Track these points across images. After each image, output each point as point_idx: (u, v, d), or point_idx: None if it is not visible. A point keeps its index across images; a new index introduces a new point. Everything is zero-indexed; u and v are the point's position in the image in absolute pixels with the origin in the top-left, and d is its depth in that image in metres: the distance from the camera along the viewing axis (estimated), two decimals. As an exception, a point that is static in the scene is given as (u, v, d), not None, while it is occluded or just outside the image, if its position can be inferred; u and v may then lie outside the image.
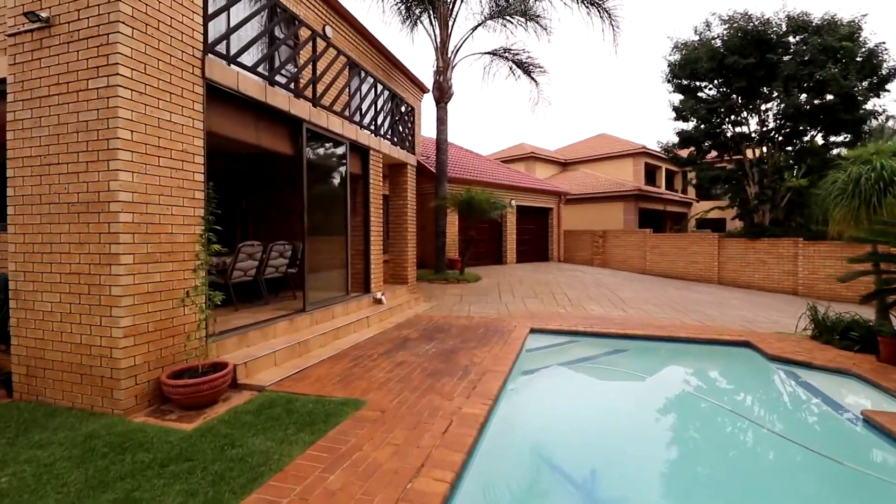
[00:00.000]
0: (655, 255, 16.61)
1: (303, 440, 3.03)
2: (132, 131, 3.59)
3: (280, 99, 5.29)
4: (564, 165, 29.36)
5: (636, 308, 9.20)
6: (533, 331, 6.71)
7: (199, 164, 4.20)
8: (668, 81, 17.27)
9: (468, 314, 8.06)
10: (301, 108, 5.69)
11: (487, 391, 3.96)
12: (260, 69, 5.01)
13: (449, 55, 11.69)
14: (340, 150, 6.82)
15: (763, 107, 15.38)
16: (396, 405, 3.66)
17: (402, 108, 9.50)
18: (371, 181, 7.68)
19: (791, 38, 14.14)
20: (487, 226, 15.42)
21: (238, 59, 4.70)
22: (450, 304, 9.00)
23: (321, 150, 6.47)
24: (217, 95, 4.51)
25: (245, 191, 9.10)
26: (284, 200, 7.79)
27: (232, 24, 4.86)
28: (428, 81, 12.48)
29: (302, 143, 5.76)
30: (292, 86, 5.79)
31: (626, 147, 26.42)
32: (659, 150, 17.96)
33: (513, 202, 12.20)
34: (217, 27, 4.66)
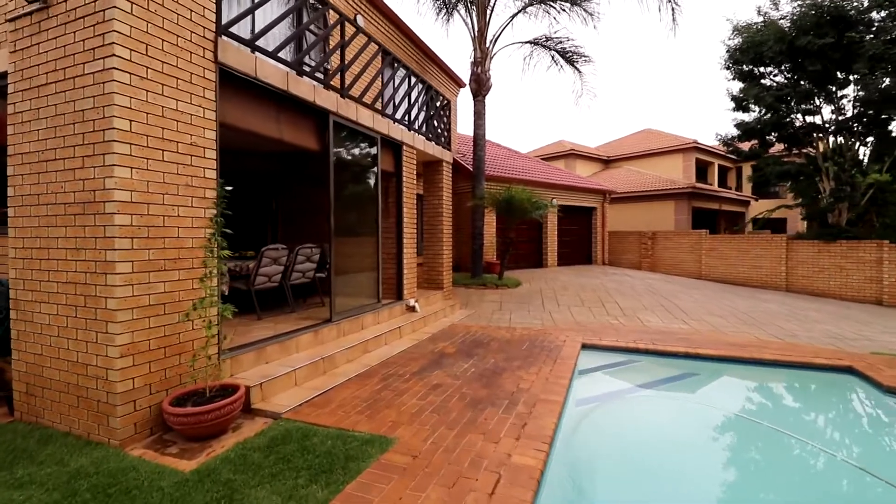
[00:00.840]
0: (712, 258, 15.21)
1: (315, 497, 2.43)
2: (131, 121, 3.14)
3: (304, 88, 4.78)
4: (606, 163, 27.94)
5: (699, 320, 8.17)
6: (585, 347, 5.91)
7: (210, 160, 3.72)
8: (727, 68, 15.81)
9: (509, 324, 7.33)
10: (327, 99, 5.17)
11: (541, 431, 3.24)
12: (281, 55, 4.51)
13: (487, 45, 10.98)
14: (371, 146, 6.27)
15: (839, 93, 13.73)
16: (431, 447, 3.01)
17: (438, 102, 8.88)
18: (404, 179, 7.11)
19: (875, 14, 12.49)
20: (526, 227, 14.59)
21: (256, 43, 4.21)
22: (488, 313, 8.29)
23: (350, 146, 5.94)
24: (232, 83, 4.03)
25: (276, 191, 8.77)
26: (314, 201, 7.35)
27: (249, 5, 4.38)
28: (463, 76, 11.87)
29: (328, 137, 5.24)
30: (318, 75, 5.28)
31: (675, 142, 24.75)
32: (717, 143, 16.48)
33: (554, 201, 11.35)
34: (232, 7, 4.19)
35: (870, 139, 14.05)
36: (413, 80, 7.56)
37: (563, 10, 11.31)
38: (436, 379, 4.43)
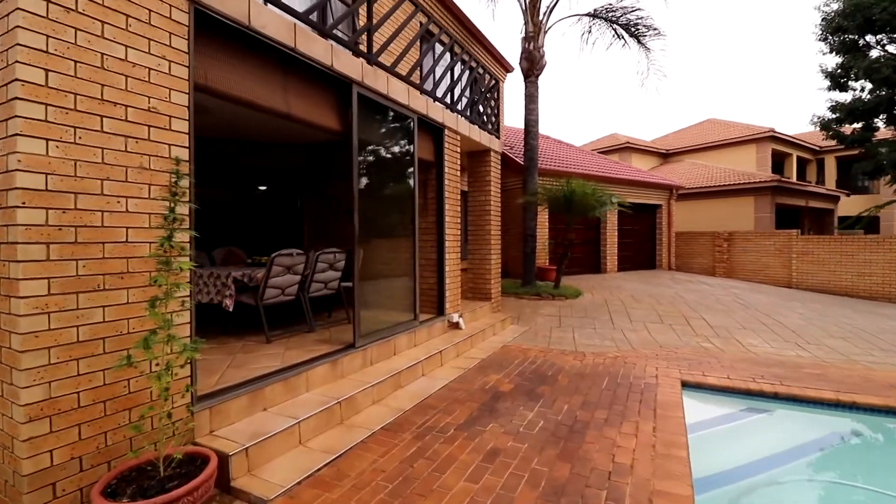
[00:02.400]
0: (806, 263, 12.96)
1: None
2: (47, 70, 2.12)
3: (319, 48, 3.69)
4: (665, 157, 25.58)
5: (818, 344, 6.41)
6: (686, 386, 4.45)
7: (178, 133, 2.68)
8: (823, 39, 13.52)
9: (575, 346, 5.94)
10: (350, 65, 4.05)
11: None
12: (289, 1, 3.44)
13: (540, 17, 9.60)
14: (405, 128, 5.11)
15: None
16: None
17: (485, 82, 7.63)
18: (446, 170, 5.91)
19: None
20: (583, 227, 13.00)
21: (251, -19, 3.15)
22: (546, 330, 6.93)
23: (379, 126, 4.81)
24: (215, 31, 2.98)
25: (302, 189, 7.85)
26: (345, 200, 6.30)
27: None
28: (510, 60, 10.51)
29: (352, 114, 4.13)
30: (338, 33, 4.17)
31: (747, 132, 22.10)
32: (810, 128, 14.14)
33: (613, 198, 9.81)
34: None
35: None
36: (455, 53, 6.38)
37: (630, -25, 9.73)
38: (490, 438, 3.17)
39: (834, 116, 13.73)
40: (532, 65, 9.60)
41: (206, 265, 5.82)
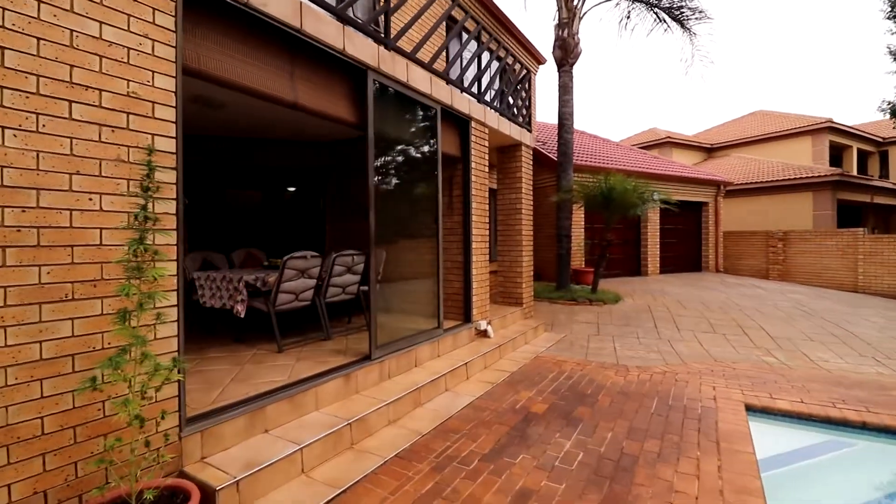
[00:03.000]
0: (875, 265, 11.69)
1: None
2: (3, 48, 1.84)
3: (329, 30, 3.34)
4: (709, 151, 24.12)
5: (906, 359, 5.54)
6: (751, 410, 3.82)
7: (164, 122, 2.37)
8: (892, 17, 12.19)
9: (616, 359, 5.36)
10: (365, 50, 3.69)
11: None
12: (293, -22, 3.10)
13: (575, 2, 8.99)
14: (428, 120, 4.71)
15: None
16: None
17: (516, 71, 7.15)
18: (473, 165, 5.46)
19: None
20: (622, 226, 12.23)
21: (250, -46, 2.82)
22: (583, 339, 6.35)
23: (398, 118, 4.42)
24: (208, 9, 2.67)
25: (325, 189, 7.60)
26: (365, 198, 5.98)
27: None
28: (542, 51, 9.98)
29: (367, 104, 3.76)
30: (351, 14, 3.81)
31: (801, 123, 20.46)
32: (882, 113, 12.80)
33: (655, 195, 9.05)
34: None
35: None
36: (482, 42, 5.93)
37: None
38: (520, 474, 2.70)
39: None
40: (566, 53, 9.00)
41: (224, 268, 5.63)
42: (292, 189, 7.95)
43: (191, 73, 2.56)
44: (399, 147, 4.51)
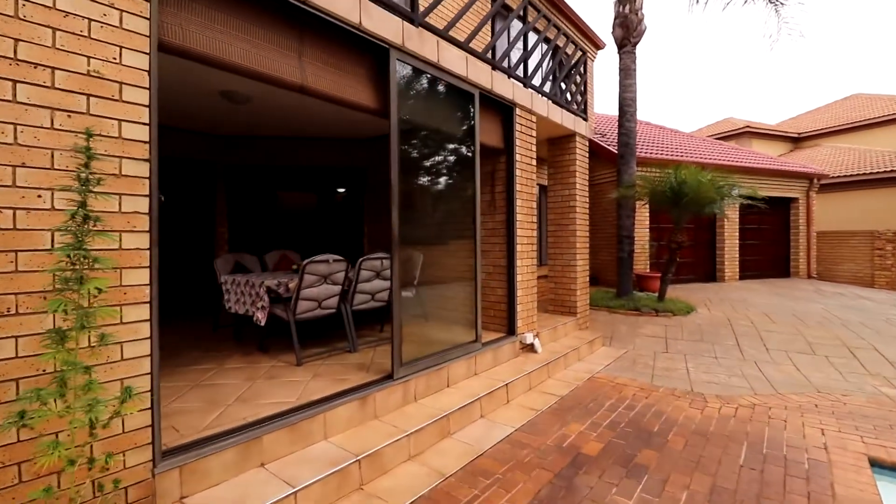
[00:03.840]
0: None
1: None
2: (-75, 17, 1.55)
3: (341, 2, 2.91)
4: (796, 141, 21.43)
5: None
6: (877, 466, 2.90)
7: (134, 106, 2.03)
8: None
9: (690, 384, 4.50)
10: (386, 25, 3.22)
11: None
12: (299, -58, 2.69)
13: (640, -26, 8.03)
14: (464, 106, 4.17)
15: None
16: None
17: (569, 53, 6.42)
18: (517, 158, 4.84)
19: None
20: (693, 226, 10.92)
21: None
22: (648, 356, 5.49)
23: (428, 103, 3.92)
24: (194, -24, 2.31)
25: (363, 188, 7.30)
26: (410, 197, 5.55)
27: None
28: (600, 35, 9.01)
29: (389, 88, 3.29)
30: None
31: (916, 104, 17.48)
32: None
33: (735, 190, 7.84)
34: None
35: None
36: (530, 18, 5.29)
37: None
38: (565, 546, 2.08)
39: None
40: (627, 32, 8.05)
41: (256, 270, 5.44)
42: (337, 189, 7.73)
43: (169, 49, 2.21)
44: (430, 138, 4.00)
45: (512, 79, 4.72)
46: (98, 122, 1.92)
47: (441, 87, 3.91)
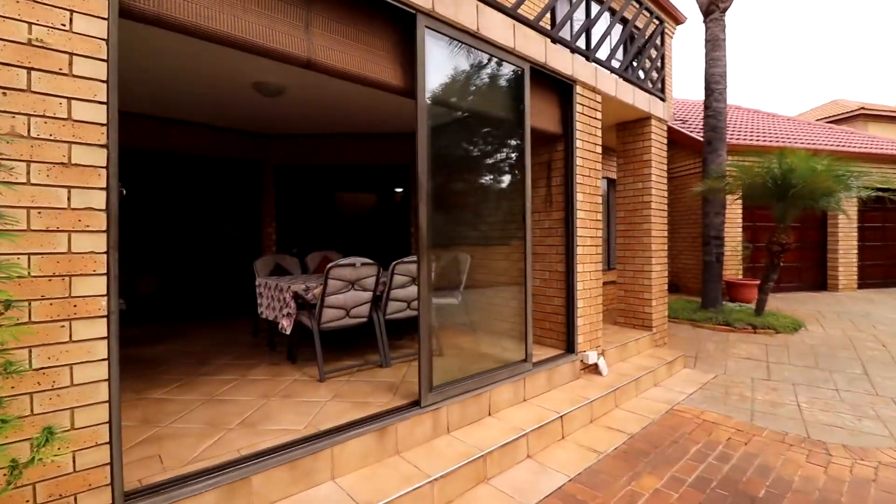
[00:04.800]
0: None
1: None
2: None
3: (358, -41, 2.45)
4: (927, 124, 17.86)
5: None
6: None
7: (85, 81, 1.69)
8: None
9: (803, 426, 3.50)
10: (414, -14, 2.72)
11: None
12: None
13: (731, -72, 6.81)
14: (510, 83, 3.55)
15: None
16: None
17: (639, 27, 5.52)
18: (578, 145, 4.11)
19: None
20: (798, 224, 9.27)
21: None
22: (744, 384, 4.48)
23: (466, 80, 3.34)
24: (169, -73, 1.95)
25: (411, 185, 6.87)
26: (450, 193, 5.03)
27: None
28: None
29: (416, 60, 2.78)
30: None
31: None
32: None
33: (856, 181, 6.35)
34: None
35: None
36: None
37: None
38: None
39: None
40: (716, -3, 6.87)
41: (296, 273, 5.21)
42: (386, 187, 7.42)
43: (133, 14, 1.86)
44: (468, 122, 3.44)
45: (571, 51, 4.00)
46: (43, 102, 1.59)
47: (482, 61, 3.32)
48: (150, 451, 2.24)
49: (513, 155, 3.69)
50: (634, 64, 5.21)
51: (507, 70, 3.46)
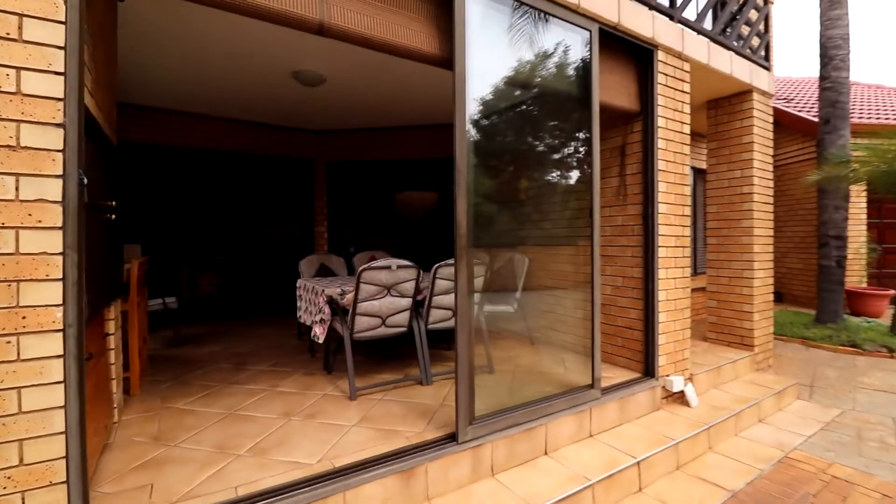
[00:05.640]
0: None
1: None
2: None
3: None
4: None
5: None
6: None
7: (38, 48, 1.40)
8: None
9: None
10: (452, -69, 2.23)
11: None
12: None
13: None
14: (572, 49, 2.93)
15: None
16: None
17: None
18: (660, 124, 3.37)
19: None
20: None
21: None
22: (883, 429, 3.44)
23: (515, 47, 2.78)
24: None
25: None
26: (502, 187, 4.46)
27: None
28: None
29: (453, 23, 2.29)
30: None
31: None
32: None
33: None
34: None
35: None
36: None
37: None
38: None
39: None
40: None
41: (343, 275, 4.95)
42: (441, 183, 7.01)
43: (99, -36, 1.56)
44: (521, 97, 2.88)
45: (651, 8, 3.28)
46: (-18, 70, 1.33)
47: (535, 22, 2.75)
48: (145, 479, 1.97)
49: (577, 138, 3.07)
50: (728, 31, 4.30)
51: (570, 33, 2.86)
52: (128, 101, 4.98)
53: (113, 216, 2.12)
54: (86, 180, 1.47)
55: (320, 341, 3.34)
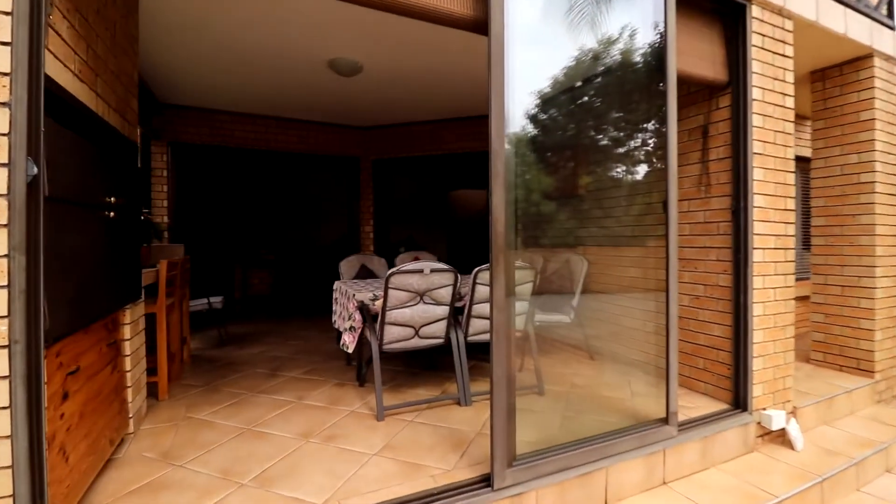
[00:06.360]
0: None
1: None
2: None
3: None
4: None
5: None
6: None
7: (-22, 11, 1.19)
8: None
9: None
10: None
11: None
12: None
13: None
14: (640, 7, 2.40)
15: None
16: None
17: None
18: (754, 96, 2.72)
19: None
20: None
21: None
22: None
23: (564, 7, 2.29)
24: None
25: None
26: (561, 178, 3.96)
27: None
28: None
29: (496, -25, 1.88)
30: None
31: None
32: None
33: None
34: None
35: None
36: None
37: None
38: None
39: None
40: None
41: (384, 276, 4.68)
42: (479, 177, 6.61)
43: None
44: (575, 66, 2.39)
45: (744, -44, 2.65)
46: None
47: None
48: (137, 509, 1.76)
49: (647, 116, 2.53)
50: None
51: (639, -13, 2.34)
52: (184, 103, 5.08)
53: (112, 213, 1.94)
54: (36, 169, 1.24)
55: (349, 351, 3.06)
